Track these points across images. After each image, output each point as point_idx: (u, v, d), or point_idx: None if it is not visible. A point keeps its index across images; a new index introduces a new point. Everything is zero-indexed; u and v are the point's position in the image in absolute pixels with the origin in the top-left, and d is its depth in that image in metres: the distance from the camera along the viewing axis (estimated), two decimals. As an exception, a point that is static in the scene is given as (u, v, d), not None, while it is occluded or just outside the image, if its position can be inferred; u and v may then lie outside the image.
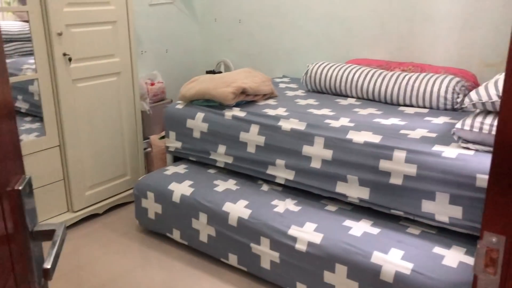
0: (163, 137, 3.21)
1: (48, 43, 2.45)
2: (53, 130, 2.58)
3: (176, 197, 2.44)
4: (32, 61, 2.54)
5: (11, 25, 2.77)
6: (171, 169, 2.68)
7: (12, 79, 2.46)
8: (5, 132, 0.73)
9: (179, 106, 2.73)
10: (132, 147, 2.99)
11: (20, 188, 0.73)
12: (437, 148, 1.91)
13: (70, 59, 2.51)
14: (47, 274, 0.75)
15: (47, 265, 0.75)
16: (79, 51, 2.56)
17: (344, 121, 2.28)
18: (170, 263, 2.42)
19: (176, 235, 2.49)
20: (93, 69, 2.66)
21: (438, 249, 1.82)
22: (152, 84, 3.35)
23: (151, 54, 3.54)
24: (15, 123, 0.78)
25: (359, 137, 2.09)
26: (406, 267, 1.75)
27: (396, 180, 1.96)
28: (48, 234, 0.79)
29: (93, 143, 2.75)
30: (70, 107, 2.59)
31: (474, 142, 1.85)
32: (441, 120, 2.29)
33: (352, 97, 2.79)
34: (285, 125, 2.31)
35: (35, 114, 2.69)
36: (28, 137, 2.58)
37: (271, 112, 2.46)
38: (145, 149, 3.14)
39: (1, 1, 2.75)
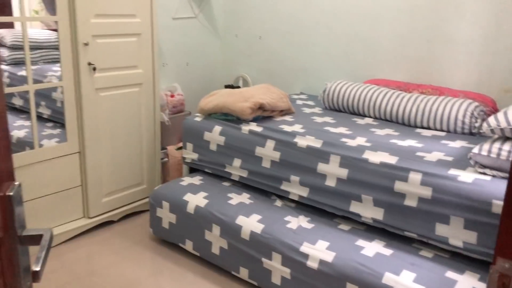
0: (180, 148, 3.25)
1: (74, 52, 2.52)
2: (74, 137, 2.64)
3: (190, 208, 2.47)
4: (56, 68, 2.62)
5: (38, 33, 2.86)
6: (186, 180, 2.71)
7: (37, 86, 2.53)
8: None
9: (198, 119, 2.77)
10: (150, 156, 3.04)
11: (11, 194, 0.75)
12: (453, 172, 1.91)
13: (94, 69, 2.58)
14: (36, 276, 0.78)
15: (36, 267, 0.78)
16: (103, 61, 2.63)
17: (360, 141, 2.29)
18: (181, 274, 2.44)
19: (188, 245, 2.52)
20: (116, 79, 2.73)
21: (451, 274, 1.81)
22: (172, 96, 3.41)
23: (172, 66, 3.60)
24: (7, 129, 0.80)
25: (375, 157, 2.10)
26: (417, 290, 1.74)
27: (410, 202, 1.96)
28: (36, 239, 0.81)
29: (112, 151, 2.80)
30: (92, 115, 2.65)
31: (491, 168, 1.84)
32: (458, 144, 2.28)
33: (370, 117, 2.80)
34: (301, 141, 2.33)
35: (57, 120, 2.77)
36: (49, 142, 2.65)
37: (287, 128, 2.49)
38: (161, 159, 3.18)
39: (30, 9, 2.86)
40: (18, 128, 2.74)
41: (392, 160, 2.06)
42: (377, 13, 3.09)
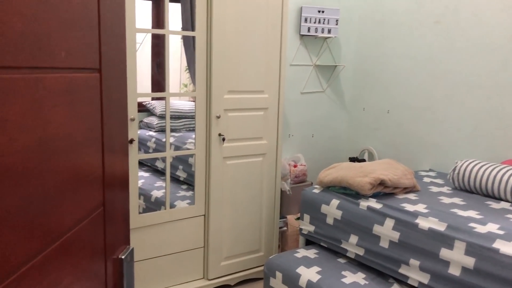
0: (299, 218, 3.28)
1: (207, 123, 2.78)
2: (201, 200, 2.85)
3: (302, 282, 2.43)
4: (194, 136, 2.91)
5: (184, 104, 3.22)
6: (301, 252, 2.70)
7: (174, 153, 2.83)
8: (119, 204, 0.87)
9: (316, 191, 2.79)
10: (269, 224, 3.11)
11: (122, 257, 0.85)
12: None
13: (223, 139, 2.81)
14: None
15: None
16: (232, 133, 2.85)
17: (492, 227, 2.07)
18: None
19: (298, 321, 2.46)
20: (242, 149, 2.92)
21: None
22: (295, 166, 3.50)
23: (297, 137, 3.73)
24: (127, 195, 0.92)
25: (508, 248, 1.88)
26: None
27: (552, 306, 1.69)
28: None
29: (234, 216, 2.95)
30: (218, 182, 2.85)
31: None
32: None
33: (507, 201, 2.53)
34: (423, 223, 2.19)
35: (190, 183, 3.02)
36: (181, 203, 2.89)
37: (409, 207, 2.37)
38: (280, 228, 3.23)
39: (181, 82, 3.29)
40: (157, 188, 3.05)
41: (529, 253, 1.81)
42: (517, 89, 2.87)
